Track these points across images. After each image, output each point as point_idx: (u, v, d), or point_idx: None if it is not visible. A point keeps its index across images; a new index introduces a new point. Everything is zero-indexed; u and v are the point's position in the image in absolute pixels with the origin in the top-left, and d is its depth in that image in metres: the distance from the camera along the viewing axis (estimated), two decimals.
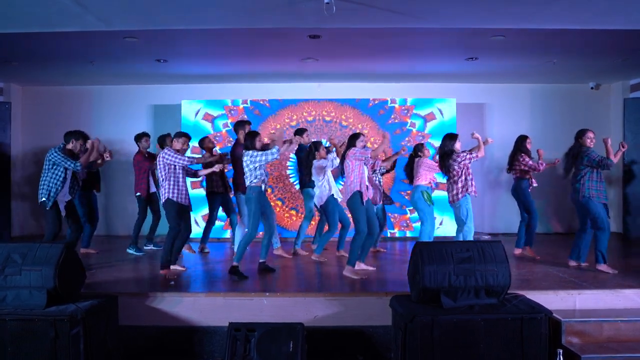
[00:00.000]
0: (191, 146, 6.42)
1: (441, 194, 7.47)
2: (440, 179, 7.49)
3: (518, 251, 6.33)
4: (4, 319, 3.59)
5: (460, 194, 5.50)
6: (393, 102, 8.26)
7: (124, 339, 4.25)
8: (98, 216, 6.84)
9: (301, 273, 5.58)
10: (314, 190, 6.19)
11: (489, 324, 3.64)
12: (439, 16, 5.11)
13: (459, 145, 5.63)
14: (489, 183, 8.62)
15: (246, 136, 5.49)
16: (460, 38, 6.06)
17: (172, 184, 5.27)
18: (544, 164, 6.17)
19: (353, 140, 5.39)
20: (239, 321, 3.99)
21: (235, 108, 8.26)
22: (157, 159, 5.43)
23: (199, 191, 7.78)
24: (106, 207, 8.42)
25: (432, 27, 5.44)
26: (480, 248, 3.91)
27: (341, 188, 6.53)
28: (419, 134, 8.21)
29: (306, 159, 6.27)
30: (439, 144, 6.05)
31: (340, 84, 8.52)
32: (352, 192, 5.28)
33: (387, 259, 6.43)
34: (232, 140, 7.77)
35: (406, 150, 6.72)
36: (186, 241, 5.66)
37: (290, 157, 7.99)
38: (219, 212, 6.77)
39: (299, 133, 6.43)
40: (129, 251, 6.68)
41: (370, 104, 8.27)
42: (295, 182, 8.11)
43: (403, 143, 8.08)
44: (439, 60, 7.22)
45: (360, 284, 4.92)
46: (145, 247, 6.90)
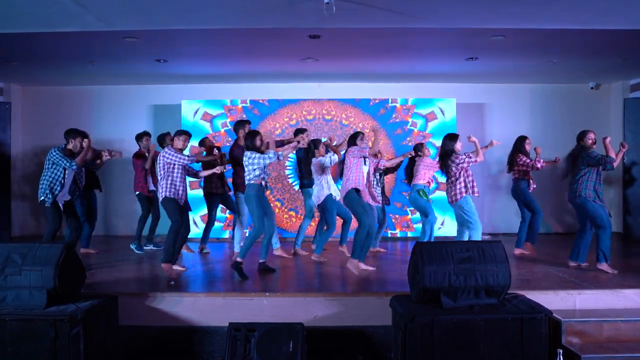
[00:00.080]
0: (190, 146, 6.42)
1: (442, 194, 7.46)
2: (441, 178, 7.48)
3: (518, 251, 6.34)
4: (4, 319, 3.59)
5: (459, 195, 5.49)
6: (394, 101, 8.25)
7: (124, 339, 4.25)
8: (96, 216, 6.87)
9: (301, 273, 5.58)
10: (313, 189, 6.20)
11: (489, 324, 3.64)
12: (439, 16, 5.11)
13: (459, 146, 5.60)
14: (489, 183, 8.62)
15: (246, 136, 5.49)
16: (460, 38, 6.06)
17: (169, 183, 5.31)
18: (542, 161, 6.16)
19: (353, 139, 5.51)
20: (239, 321, 3.99)
21: (234, 108, 8.26)
22: (158, 157, 5.45)
23: (197, 192, 7.79)
24: (106, 207, 8.43)
25: (432, 27, 5.45)
26: (480, 248, 3.91)
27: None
28: (421, 133, 8.20)
29: (305, 157, 6.27)
30: (440, 143, 6.04)
31: (340, 84, 8.52)
32: (348, 189, 5.32)
33: (387, 259, 6.43)
34: (230, 140, 7.77)
35: (413, 154, 6.46)
36: (185, 241, 5.66)
37: (289, 156, 7.99)
38: (219, 213, 6.76)
39: (298, 133, 6.44)
40: (132, 247, 6.79)
41: (371, 103, 8.27)
42: (294, 183, 8.11)
43: (404, 143, 8.08)
44: (439, 60, 7.22)
45: (360, 284, 4.92)
46: (145, 248, 6.90)
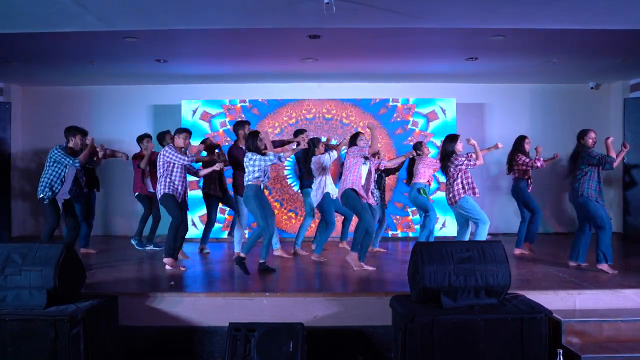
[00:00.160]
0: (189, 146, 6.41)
1: (443, 195, 7.43)
2: (442, 179, 7.46)
3: (518, 251, 6.34)
4: (4, 319, 3.59)
5: (457, 196, 5.48)
6: (395, 100, 8.23)
7: (124, 339, 4.25)
8: (94, 216, 6.90)
9: (301, 273, 5.58)
10: (312, 188, 6.20)
11: (489, 324, 3.64)
12: (439, 16, 5.11)
13: (460, 147, 5.59)
14: (489, 183, 8.60)
15: (247, 137, 5.49)
16: (460, 38, 6.06)
17: (168, 181, 5.35)
18: (542, 160, 6.16)
19: (354, 140, 5.54)
20: (239, 321, 3.99)
21: (232, 107, 8.24)
22: (158, 155, 5.46)
23: (196, 192, 7.79)
24: (105, 207, 8.43)
25: (432, 27, 5.44)
26: (480, 248, 3.91)
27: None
28: (422, 133, 8.18)
29: (305, 156, 6.28)
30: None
31: (340, 84, 8.51)
32: (344, 189, 5.34)
33: (387, 259, 6.43)
34: (229, 140, 7.77)
35: (414, 154, 6.45)
36: (183, 240, 5.67)
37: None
38: (218, 214, 6.77)
39: (298, 134, 6.43)
40: (132, 242, 6.88)
41: (372, 102, 8.25)
42: (293, 184, 8.10)
43: (405, 143, 8.07)
44: (439, 60, 7.21)
45: (360, 284, 4.92)
46: (146, 248, 6.90)
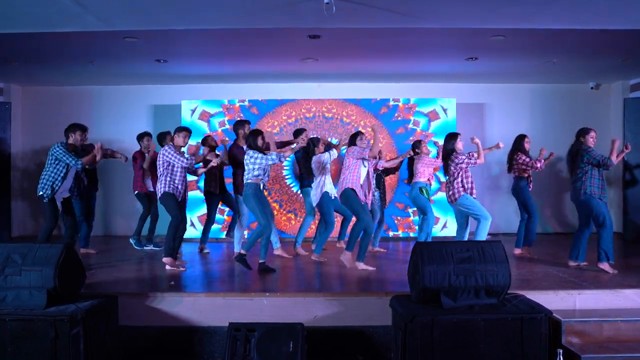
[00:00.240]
0: (187, 145, 6.40)
1: (444, 195, 7.43)
2: (444, 178, 7.45)
3: (518, 251, 6.33)
4: (4, 319, 3.59)
5: (457, 194, 5.50)
6: (396, 100, 8.22)
7: (124, 339, 4.25)
8: (94, 216, 6.90)
9: (301, 273, 5.58)
10: (312, 187, 6.20)
11: (489, 324, 3.63)
12: (439, 16, 5.11)
13: (461, 145, 5.60)
14: (489, 183, 8.60)
15: (249, 135, 5.49)
16: (460, 38, 6.05)
17: (168, 180, 5.37)
18: (542, 162, 6.16)
19: (353, 139, 5.56)
20: (239, 321, 3.99)
21: (232, 107, 8.23)
22: (158, 155, 5.47)
23: (195, 193, 7.78)
24: (105, 206, 8.43)
25: (432, 27, 5.44)
26: (480, 248, 3.91)
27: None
28: (423, 133, 8.16)
29: (305, 156, 6.27)
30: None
31: (340, 84, 8.51)
32: (343, 188, 5.34)
33: (387, 259, 6.43)
34: (229, 140, 7.74)
35: (412, 154, 6.49)
36: (182, 240, 5.67)
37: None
38: (217, 215, 6.77)
39: (298, 134, 6.43)
40: (131, 241, 6.88)
41: (373, 101, 8.24)
42: (292, 184, 8.09)
43: (407, 142, 8.05)
44: (439, 60, 7.21)
45: (360, 284, 4.92)
46: (145, 248, 6.90)
